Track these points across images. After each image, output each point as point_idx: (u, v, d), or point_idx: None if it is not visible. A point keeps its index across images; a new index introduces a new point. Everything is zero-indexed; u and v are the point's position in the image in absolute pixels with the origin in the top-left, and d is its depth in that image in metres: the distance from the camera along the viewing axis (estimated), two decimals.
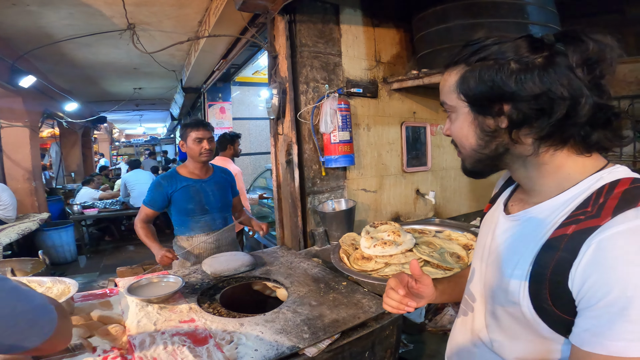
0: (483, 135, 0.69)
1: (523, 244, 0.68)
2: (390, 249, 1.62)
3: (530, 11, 2.09)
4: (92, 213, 5.75)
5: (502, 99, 0.64)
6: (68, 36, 4.01)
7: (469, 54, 0.68)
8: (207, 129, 2.15)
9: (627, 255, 0.53)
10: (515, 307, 0.68)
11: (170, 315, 1.43)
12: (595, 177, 0.63)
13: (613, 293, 0.53)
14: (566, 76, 0.60)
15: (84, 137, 10.29)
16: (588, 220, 0.59)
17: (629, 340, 0.52)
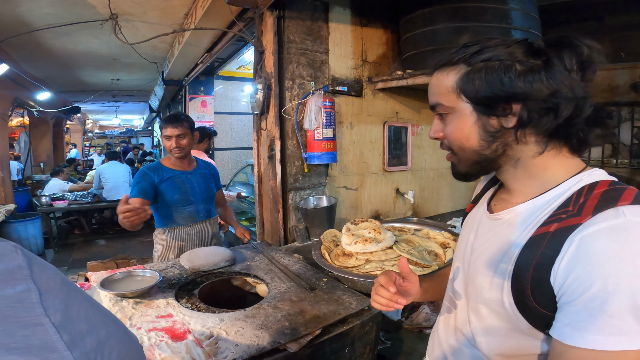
0: (486, 136, 0.70)
1: (506, 242, 0.70)
2: (371, 246, 1.64)
3: (514, 17, 2.15)
4: (62, 205, 5.54)
5: (512, 98, 0.65)
6: (47, 25, 3.82)
7: (470, 55, 0.68)
8: (175, 127, 2.06)
9: (608, 252, 0.55)
10: (497, 304, 0.69)
11: (146, 311, 1.39)
12: (576, 179, 0.66)
13: (594, 288, 0.55)
14: (567, 78, 0.63)
15: (56, 127, 9.86)
16: (570, 218, 0.61)
17: (608, 334, 0.54)
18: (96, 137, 17.41)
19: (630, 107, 3.08)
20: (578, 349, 0.56)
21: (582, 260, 0.57)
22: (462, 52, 0.70)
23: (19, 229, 4.93)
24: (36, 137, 8.77)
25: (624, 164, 3.14)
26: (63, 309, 0.45)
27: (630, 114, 3.08)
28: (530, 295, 0.63)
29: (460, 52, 0.70)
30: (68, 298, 0.47)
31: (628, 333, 0.53)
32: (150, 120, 12.98)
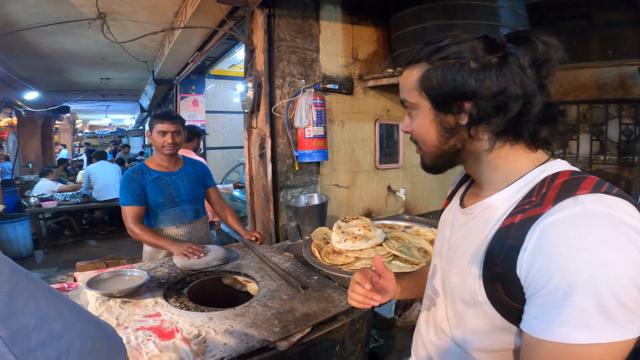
0: (444, 132, 0.71)
1: (477, 236, 0.70)
2: (361, 244, 1.63)
3: (503, 14, 2.17)
4: (51, 206, 5.45)
5: (463, 97, 0.66)
6: (33, 24, 3.77)
7: (430, 53, 0.69)
8: (172, 122, 2.05)
9: (567, 241, 0.55)
10: (473, 299, 0.69)
11: (134, 310, 1.38)
12: (539, 170, 0.67)
13: (555, 279, 0.55)
14: (519, 75, 0.63)
15: (45, 127, 9.74)
16: (532, 209, 0.61)
17: (574, 327, 0.53)
18: (86, 137, 17.19)
19: (617, 104, 3.12)
20: (546, 342, 0.56)
21: (542, 250, 0.57)
22: (425, 50, 0.70)
23: (7, 229, 4.85)
24: (24, 137, 8.65)
25: (612, 160, 3.18)
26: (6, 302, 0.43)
27: (618, 111, 3.12)
28: (501, 288, 0.63)
29: (424, 50, 0.71)
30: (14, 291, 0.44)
31: (593, 326, 0.52)
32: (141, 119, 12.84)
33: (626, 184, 3.07)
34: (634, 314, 0.52)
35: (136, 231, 1.96)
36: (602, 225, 0.55)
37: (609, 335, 0.52)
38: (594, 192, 0.58)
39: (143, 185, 2.03)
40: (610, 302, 0.52)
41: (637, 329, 0.53)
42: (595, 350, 0.53)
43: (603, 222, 0.55)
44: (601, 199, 0.57)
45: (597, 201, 0.57)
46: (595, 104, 3.21)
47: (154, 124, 2.06)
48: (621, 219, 0.55)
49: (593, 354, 0.53)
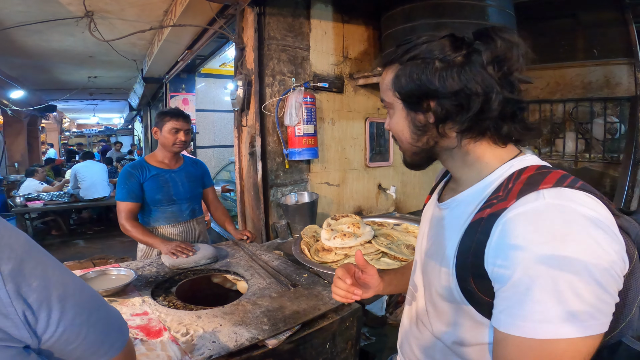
0: (415, 130, 0.73)
1: (451, 230, 0.71)
2: (350, 241, 1.64)
3: (491, 13, 2.19)
4: (37, 205, 5.36)
5: (429, 95, 0.68)
6: (19, 23, 3.70)
7: (402, 53, 0.71)
8: (186, 121, 2.06)
9: (526, 235, 0.55)
10: (448, 293, 0.70)
11: (121, 309, 1.36)
12: (508, 165, 0.68)
13: (517, 273, 0.55)
14: (480, 73, 0.64)
15: (31, 126, 9.57)
16: (499, 203, 0.62)
17: (536, 321, 0.53)
18: (74, 136, 16.93)
19: (603, 102, 3.17)
20: (513, 337, 0.56)
21: (505, 244, 0.58)
22: (398, 51, 0.72)
23: None
24: (10, 137, 8.49)
25: (597, 158, 3.24)
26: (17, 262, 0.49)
27: (603, 109, 3.18)
28: (473, 282, 0.64)
29: (397, 51, 0.73)
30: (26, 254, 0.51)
31: (554, 321, 0.52)
32: (130, 118, 12.70)
33: (611, 181, 3.13)
34: (597, 309, 0.52)
35: (128, 227, 1.94)
36: (561, 219, 0.55)
37: (571, 330, 0.51)
38: (556, 186, 0.59)
39: (141, 181, 2.00)
40: (570, 296, 0.51)
41: (601, 325, 0.52)
42: (559, 346, 0.52)
43: (562, 216, 0.55)
44: (563, 192, 0.58)
45: (558, 195, 0.57)
46: (581, 103, 3.27)
47: (165, 120, 2.03)
48: (581, 212, 0.55)
49: (556, 349, 0.52)
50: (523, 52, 0.66)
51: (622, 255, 0.55)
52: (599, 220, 0.55)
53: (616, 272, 0.54)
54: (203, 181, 2.26)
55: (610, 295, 0.53)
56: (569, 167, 3.36)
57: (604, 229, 0.54)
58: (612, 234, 0.55)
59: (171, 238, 2.07)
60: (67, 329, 0.54)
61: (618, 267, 0.54)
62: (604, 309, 0.53)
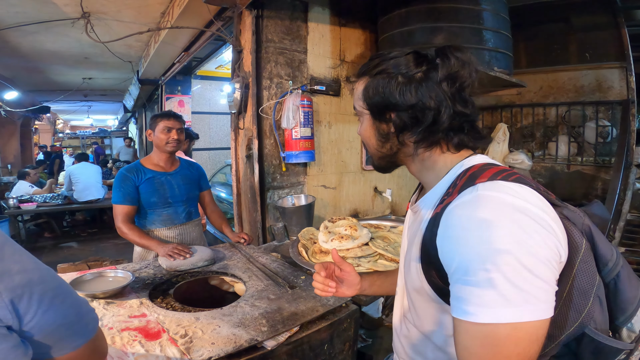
0: (380, 137, 0.80)
1: (417, 229, 0.76)
2: (347, 243, 1.65)
3: (486, 17, 2.22)
4: (30, 207, 5.31)
5: (390, 107, 0.74)
6: (15, 24, 3.68)
7: (372, 67, 0.77)
8: (177, 120, 2.07)
9: (459, 224, 0.61)
10: (420, 287, 0.74)
11: (118, 311, 1.36)
12: (459, 165, 0.74)
13: (455, 260, 0.60)
14: (434, 89, 0.71)
15: (24, 127, 9.48)
16: (447, 198, 0.67)
17: (476, 305, 0.56)
18: (67, 137, 16.78)
19: (595, 106, 3.22)
20: (462, 322, 0.59)
21: (446, 235, 0.63)
22: (369, 64, 0.78)
23: None
24: (3, 138, 8.42)
25: (589, 161, 3.28)
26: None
27: (595, 113, 3.22)
28: (435, 274, 0.68)
29: (369, 64, 0.79)
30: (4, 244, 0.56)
31: (490, 305, 0.55)
32: (124, 120, 12.62)
33: (603, 184, 3.18)
34: (529, 294, 0.55)
35: (124, 230, 1.94)
36: (488, 208, 0.59)
37: (507, 314, 0.54)
38: (491, 179, 0.63)
39: (136, 184, 2.00)
40: (500, 280, 0.55)
41: (538, 311, 0.55)
42: (501, 330, 0.55)
43: (489, 205, 0.59)
44: (495, 184, 0.62)
45: (489, 187, 0.62)
46: (574, 106, 3.32)
47: (158, 121, 2.05)
48: (507, 201, 0.59)
49: (499, 333, 0.55)
50: (474, 70, 0.72)
51: (552, 242, 0.58)
52: (526, 209, 0.58)
53: (546, 258, 0.57)
54: (199, 184, 2.25)
55: (542, 281, 0.56)
56: (562, 171, 3.41)
57: (530, 217, 0.58)
58: (541, 222, 0.58)
59: (167, 240, 2.06)
60: (47, 312, 0.58)
61: (546, 253, 0.57)
62: (539, 295, 0.55)
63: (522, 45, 3.31)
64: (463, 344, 0.60)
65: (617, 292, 0.68)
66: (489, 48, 2.27)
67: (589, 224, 0.68)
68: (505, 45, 2.37)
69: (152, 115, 2.15)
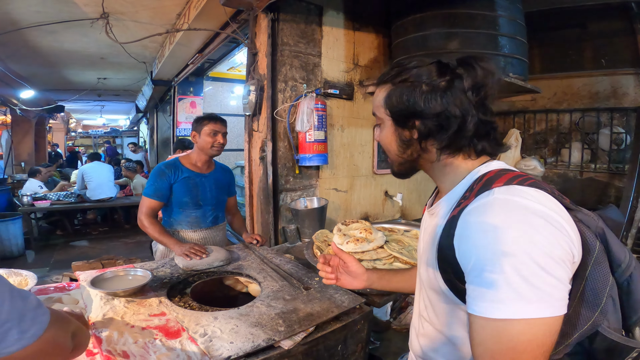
0: (401, 144, 0.82)
1: (434, 231, 0.79)
2: (363, 246, 1.66)
3: (502, 23, 2.22)
4: (44, 205, 5.39)
5: (414, 115, 0.77)
6: (35, 23, 3.75)
7: (394, 75, 0.80)
8: (223, 124, 2.09)
9: (476, 225, 0.64)
10: (438, 287, 0.77)
11: (138, 309, 1.38)
12: (476, 171, 0.77)
13: (472, 259, 0.63)
14: (459, 98, 0.73)
15: (38, 125, 9.64)
16: (465, 202, 0.70)
17: (490, 301, 0.59)
18: (79, 136, 17.03)
19: (609, 112, 3.19)
20: (477, 318, 0.62)
21: (463, 235, 0.66)
22: (391, 72, 0.81)
23: None
24: (18, 136, 8.56)
25: (603, 168, 3.25)
26: None
27: (610, 119, 3.20)
28: (452, 274, 0.71)
29: (390, 72, 0.81)
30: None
31: (505, 301, 0.57)
32: (136, 120, 12.77)
33: (616, 191, 3.15)
34: (544, 292, 0.57)
35: (145, 223, 1.96)
36: (503, 211, 0.62)
37: (521, 310, 0.57)
38: (507, 184, 0.67)
39: (171, 182, 2.02)
40: (515, 277, 0.57)
41: (552, 308, 0.57)
42: (515, 327, 0.57)
43: (506, 207, 0.63)
44: (510, 189, 0.65)
45: (505, 191, 0.65)
46: (588, 113, 3.29)
47: (203, 124, 2.06)
48: (523, 204, 0.62)
49: (513, 329, 0.58)
50: (497, 80, 0.75)
51: (565, 243, 0.61)
52: (540, 211, 0.61)
53: (560, 258, 0.59)
54: (229, 189, 2.28)
55: (555, 279, 0.58)
56: (574, 177, 3.38)
57: (544, 219, 0.61)
58: (555, 224, 0.61)
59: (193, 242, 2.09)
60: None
61: (559, 253, 0.59)
62: (552, 292, 0.58)
63: (537, 51, 3.30)
64: (478, 340, 0.62)
65: (630, 293, 0.70)
66: (504, 54, 2.27)
67: (602, 226, 0.70)
68: (520, 51, 2.37)
69: (197, 117, 2.14)
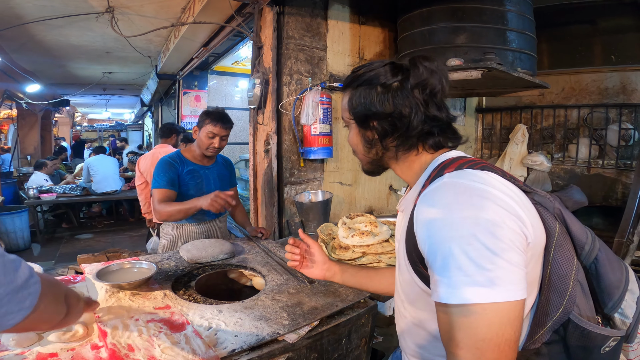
0: (366, 144, 0.86)
1: (402, 224, 0.81)
2: (368, 239, 1.66)
3: (510, 18, 2.19)
4: (50, 198, 5.44)
5: (372, 116, 0.81)
6: (40, 17, 3.75)
7: (354, 78, 0.83)
8: (224, 127, 2.03)
9: (426, 211, 0.65)
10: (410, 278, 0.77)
11: (143, 302, 1.39)
12: (435, 160, 0.80)
13: (427, 245, 0.63)
14: (407, 97, 0.77)
15: (44, 119, 9.69)
16: (423, 190, 0.72)
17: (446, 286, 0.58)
18: (85, 130, 17.12)
19: (618, 108, 3.15)
20: (438, 305, 0.61)
21: (418, 222, 0.67)
22: (350, 77, 0.85)
23: (6, 221, 4.84)
24: (24, 129, 8.62)
25: (610, 164, 3.21)
26: None
27: (618, 115, 3.16)
28: (419, 263, 0.71)
29: (350, 77, 0.85)
30: None
31: (458, 286, 0.57)
32: (141, 114, 12.79)
33: (624, 188, 3.11)
34: (494, 274, 0.56)
35: (161, 208, 1.90)
36: (450, 192, 0.63)
37: (474, 295, 0.56)
38: (458, 168, 0.68)
39: (179, 173, 2.03)
40: (464, 260, 0.57)
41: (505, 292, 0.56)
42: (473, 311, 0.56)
43: (451, 189, 0.64)
44: (460, 173, 0.67)
45: (454, 175, 0.67)
46: (596, 108, 3.25)
47: (206, 123, 2.02)
48: (468, 185, 0.63)
49: (472, 314, 0.56)
50: (444, 77, 0.77)
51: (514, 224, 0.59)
52: (487, 191, 0.61)
53: (508, 239, 0.58)
54: (230, 180, 2.28)
55: (506, 261, 0.57)
56: (581, 173, 3.35)
57: (491, 199, 0.60)
58: (502, 204, 0.60)
59: (195, 236, 2.11)
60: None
61: (509, 234, 0.58)
62: (504, 276, 0.56)
63: (545, 46, 3.25)
64: (442, 328, 0.62)
65: (599, 277, 0.69)
66: (512, 49, 2.23)
67: (559, 207, 0.70)
68: (529, 46, 2.33)
69: (204, 111, 2.10)
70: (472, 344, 0.57)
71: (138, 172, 3.64)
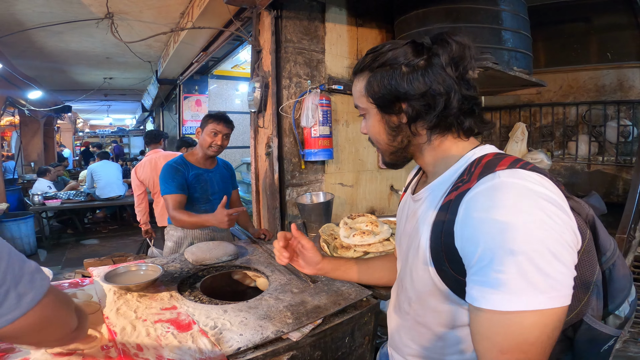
0: (390, 131, 0.80)
1: (424, 217, 0.76)
2: (369, 238, 1.68)
3: (505, 17, 2.22)
4: (55, 204, 5.49)
5: (399, 98, 0.75)
6: (41, 24, 3.81)
7: (370, 61, 0.77)
8: (226, 126, 2.11)
9: (484, 211, 0.60)
10: (426, 277, 0.74)
11: (150, 303, 1.42)
12: (470, 153, 0.75)
13: (480, 247, 0.59)
14: (440, 74, 0.71)
15: (46, 126, 9.78)
16: (464, 185, 0.67)
17: (502, 293, 0.56)
18: (87, 136, 17.22)
19: (616, 105, 3.17)
20: (484, 311, 0.58)
21: (468, 221, 0.62)
22: (367, 59, 0.78)
23: (12, 228, 4.89)
24: (27, 136, 8.69)
25: (610, 161, 3.23)
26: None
27: (616, 112, 3.18)
28: (447, 263, 0.68)
29: (366, 59, 0.79)
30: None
31: (517, 292, 0.54)
32: (142, 119, 12.86)
33: (624, 184, 3.13)
34: (555, 280, 0.55)
35: (177, 215, 1.96)
36: (513, 194, 0.59)
37: (534, 302, 0.54)
38: (510, 167, 0.64)
39: (186, 177, 2.07)
40: (528, 266, 0.55)
41: (562, 297, 0.55)
42: (527, 318, 0.55)
43: (514, 192, 0.60)
44: (515, 172, 0.63)
45: (511, 174, 0.63)
46: (594, 105, 3.27)
47: (208, 122, 2.10)
48: (531, 188, 0.60)
49: (524, 321, 0.55)
50: (474, 53, 0.73)
51: (572, 228, 0.59)
52: (548, 196, 0.59)
53: (567, 244, 0.57)
54: (232, 182, 2.34)
55: (565, 266, 0.56)
56: (582, 170, 3.36)
57: (553, 203, 0.59)
58: (562, 209, 0.59)
59: (200, 238, 2.16)
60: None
61: (569, 238, 0.58)
62: (563, 280, 0.56)
63: (542, 45, 3.27)
64: (484, 334, 0.59)
65: (611, 281, 0.69)
66: (508, 48, 2.26)
67: (593, 215, 0.69)
68: (524, 45, 2.36)
69: (206, 115, 2.18)
70: (519, 348, 0.56)
71: (137, 180, 3.56)
